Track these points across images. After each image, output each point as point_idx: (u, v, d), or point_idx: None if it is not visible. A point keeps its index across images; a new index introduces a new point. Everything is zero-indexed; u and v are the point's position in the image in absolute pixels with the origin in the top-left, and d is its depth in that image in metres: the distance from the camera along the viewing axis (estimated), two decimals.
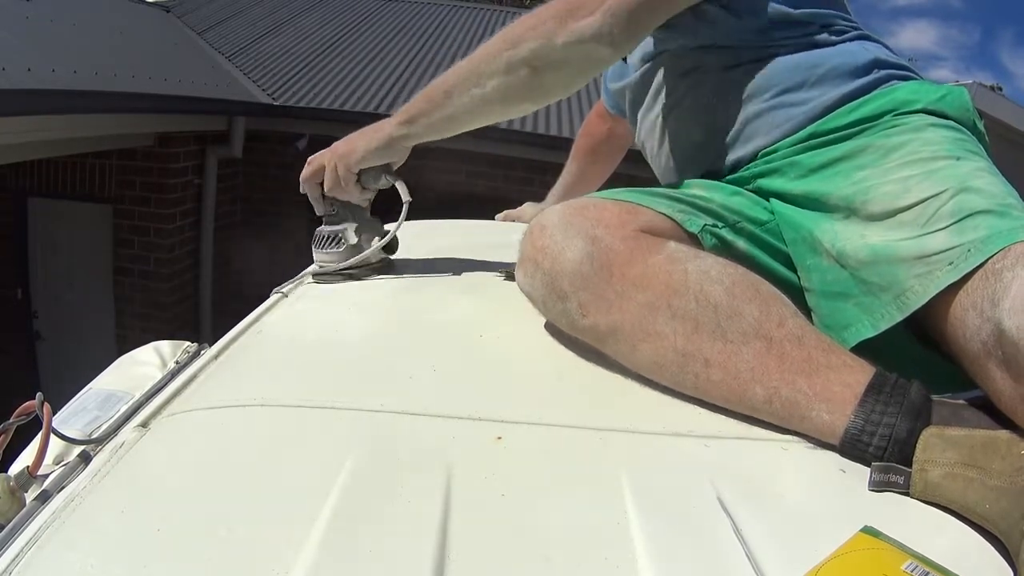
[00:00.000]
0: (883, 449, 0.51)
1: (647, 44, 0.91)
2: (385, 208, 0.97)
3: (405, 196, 0.90)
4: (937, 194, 0.61)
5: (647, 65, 0.92)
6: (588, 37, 0.73)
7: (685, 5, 0.78)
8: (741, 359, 0.57)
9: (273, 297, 0.87)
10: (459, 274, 0.98)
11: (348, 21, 6.57)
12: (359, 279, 0.90)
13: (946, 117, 0.73)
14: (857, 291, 0.64)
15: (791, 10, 0.80)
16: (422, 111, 0.82)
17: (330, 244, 0.91)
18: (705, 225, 0.70)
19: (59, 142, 3.62)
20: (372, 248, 0.91)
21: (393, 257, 0.96)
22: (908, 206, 0.62)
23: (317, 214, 0.94)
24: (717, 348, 0.58)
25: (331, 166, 0.88)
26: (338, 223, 0.92)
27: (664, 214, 0.68)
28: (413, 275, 0.98)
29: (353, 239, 0.91)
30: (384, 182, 0.90)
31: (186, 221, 4.57)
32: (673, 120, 0.90)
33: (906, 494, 0.50)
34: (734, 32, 0.81)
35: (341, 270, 0.91)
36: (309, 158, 0.92)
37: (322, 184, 0.91)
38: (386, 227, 0.97)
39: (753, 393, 0.57)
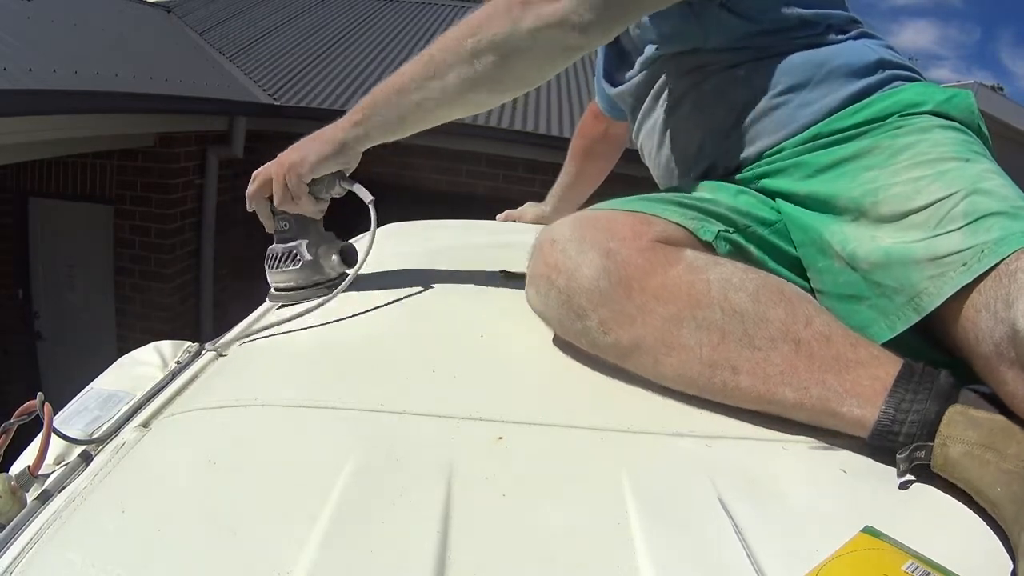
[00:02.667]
0: (912, 436, 0.52)
1: (650, 48, 0.90)
2: (339, 221, 0.90)
3: (367, 197, 0.83)
4: (949, 195, 0.61)
5: (649, 67, 0.91)
6: (557, 21, 0.69)
7: (666, 3, 0.75)
8: (771, 364, 0.57)
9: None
10: (459, 274, 0.99)
11: (348, 21, 6.57)
12: (319, 298, 0.81)
13: (951, 119, 0.73)
14: (870, 293, 0.63)
15: (803, 11, 0.79)
16: (374, 111, 0.77)
17: (285, 262, 0.85)
18: (719, 231, 0.69)
19: (60, 142, 3.62)
20: (332, 261, 0.85)
21: (368, 270, 0.88)
22: (920, 208, 0.62)
23: (268, 231, 0.88)
24: (745, 355, 0.58)
25: (279, 179, 0.81)
26: (292, 239, 0.85)
27: (677, 223, 0.67)
28: (413, 275, 0.98)
29: (308, 255, 0.84)
30: (339, 189, 0.83)
31: (187, 221, 4.57)
32: (675, 121, 0.89)
33: (927, 466, 0.50)
34: (743, 35, 0.80)
35: (298, 287, 0.85)
36: (254, 172, 0.85)
37: (271, 199, 0.84)
38: (357, 239, 0.87)
39: (783, 396, 0.56)
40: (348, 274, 0.84)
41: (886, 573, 0.40)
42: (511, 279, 0.92)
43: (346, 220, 0.94)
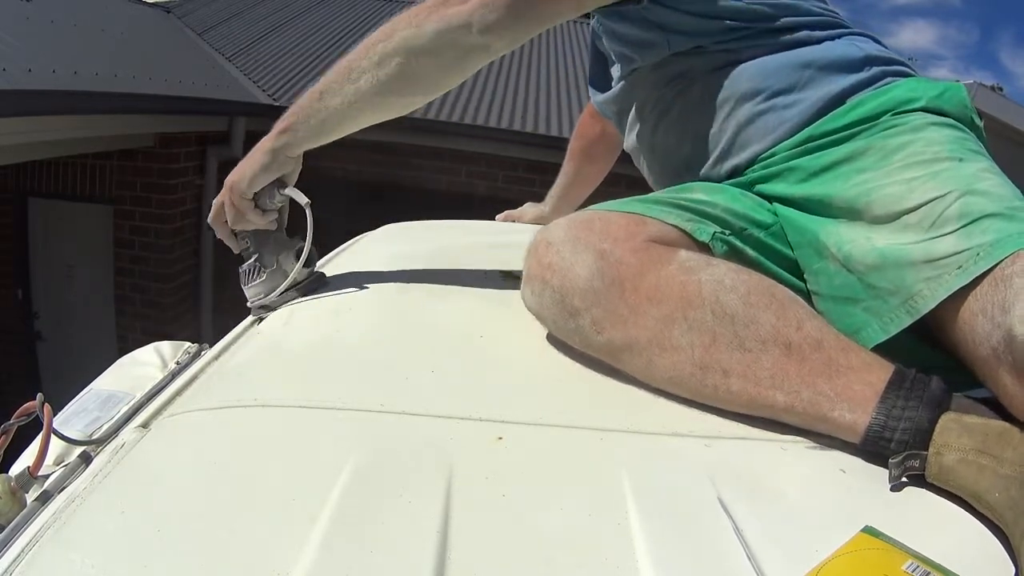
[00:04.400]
0: (905, 443, 0.52)
1: (625, 58, 0.89)
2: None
3: (303, 200, 0.85)
4: (942, 195, 0.61)
5: (628, 78, 0.91)
6: (457, 25, 0.71)
7: (576, 10, 0.77)
8: (761, 367, 0.57)
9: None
10: (459, 274, 0.98)
11: (348, 21, 6.57)
12: (294, 301, 0.85)
13: (945, 115, 0.72)
14: (865, 295, 0.63)
15: (753, 6, 0.78)
16: (299, 117, 0.80)
17: (253, 277, 0.88)
18: (715, 233, 0.69)
19: (59, 143, 3.62)
20: (296, 267, 0.86)
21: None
22: (913, 208, 0.62)
23: (235, 252, 0.92)
24: (736, 358, 0.58)
25: (227, 201, 0.84)
26: (253, 254, 0.89)
27: (672, 224, 0.67)
28: (413, 275, 0.98)
29: (271, 264, 0.88)
30: (280, 198, 0.86)
31: (186, 222, 4.57)
32: (662, 130, 0.88)
33: (921, 475, 0.50)
34: (701, 33, 0.79)
35: (269, 295, 0.87)
36: (214, 200, 0.89)
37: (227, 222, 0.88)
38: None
39: (774, 399, 0.56)
40: (315, 273, 0.88)
41: (886, 573, 0.40)
42: (510, 279, 0.92)
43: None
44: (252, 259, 0.88)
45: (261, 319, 0.84)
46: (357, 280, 0.96)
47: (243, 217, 0.85)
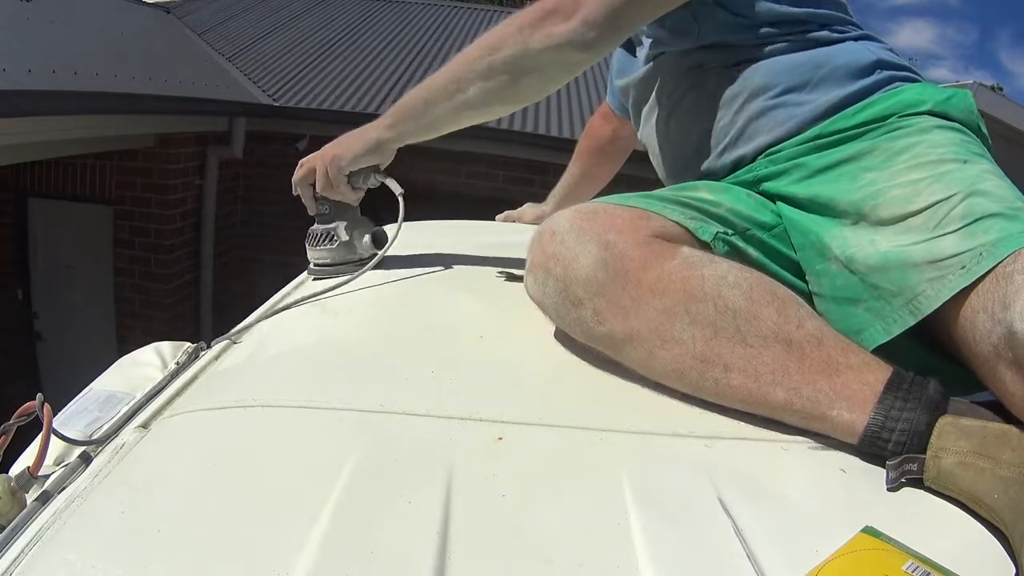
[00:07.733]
0: (902, 444, 0.52)
1: (649, 44, 0.91)
2: (370, 207, 0.99)
3: (398, 190, 0.93)
4: (947, 198, 0.61)
5: (650, 64, 0.92)
6: (564, 43, 0.75)
7: (663, 10, 0.79)
8: (761, 363, 0.57)
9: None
10: (459, 274, 0.98)
11: (348, 22, 6.57)
12: (351, 275, 0.91)
13: (951, 119, 0.73)
14: (867, 296, 0.63)
15: (791, 8, 0.80)
16: (404, 117, 0.87)
17: (323, 241, 0.95)
18: (717, 232, 0.69)
19: (60, 143, 3.62)
20: (364, 243, 0.95)
21: (391, 254, 0.98)
22: (918, 210, 0.62)
23: (310, 214, 0.99)
24: (737, 353, 0.58)
25: (322, 168, 0.92)
26: (330, 222, 0.96)
27: (675, 221, 0.68)
28: (413, 275, 0.98)
29: (345, 236, 0.94)
30: (373, 181, 0.94)
31: (186, 222, 4.57)
32: (675, 119, 0.90)
33: (920, 479, 0.50)
34: (734, 30, 0.81)
35: (334, 264, 0.95)
36: (301, 160, 0.96)
37: (314, 185, 0.94)
38: (388, 226, 0.96)
39: (774, 396, 0.57)
40: (377, 254, 0.94)
41: (886, 573, 0.40)
42: (510, 279, 0.92)
43: (376, 209, 1.02)
44: (327, 226, 0.95)
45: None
46: (356, 281, 0.96)
47: (333, 188, 0.92)
